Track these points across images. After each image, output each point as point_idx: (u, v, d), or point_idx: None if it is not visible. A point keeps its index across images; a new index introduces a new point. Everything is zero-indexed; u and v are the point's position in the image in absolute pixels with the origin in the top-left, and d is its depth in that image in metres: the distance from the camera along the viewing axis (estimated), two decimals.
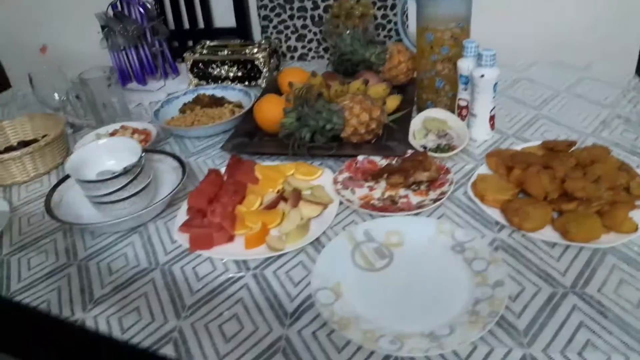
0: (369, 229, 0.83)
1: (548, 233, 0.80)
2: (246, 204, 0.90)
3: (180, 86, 1.47)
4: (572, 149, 0.95)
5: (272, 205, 0.89)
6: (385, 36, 1.54)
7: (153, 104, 1.38)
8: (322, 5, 1.49)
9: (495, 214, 0.84)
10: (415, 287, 0.73)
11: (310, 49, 1.56)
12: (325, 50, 1.55)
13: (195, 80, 1.43)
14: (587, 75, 1.30)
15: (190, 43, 1.65)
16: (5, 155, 1.04)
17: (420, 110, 1.16)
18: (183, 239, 0.85)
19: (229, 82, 1.40)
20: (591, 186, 0.81)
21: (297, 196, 0.88)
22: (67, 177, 0.99)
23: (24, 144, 1.16)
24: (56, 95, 1.25)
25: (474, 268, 0.74)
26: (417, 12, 1.10)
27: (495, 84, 1.01)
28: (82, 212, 0.93)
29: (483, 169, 0.96)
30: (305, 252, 0.82)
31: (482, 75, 1.00)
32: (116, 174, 0.84)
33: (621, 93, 1.20)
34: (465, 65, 1.04)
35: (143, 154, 0.87)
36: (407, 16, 1.48)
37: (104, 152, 0.93)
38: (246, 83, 1.39)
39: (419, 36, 1.10)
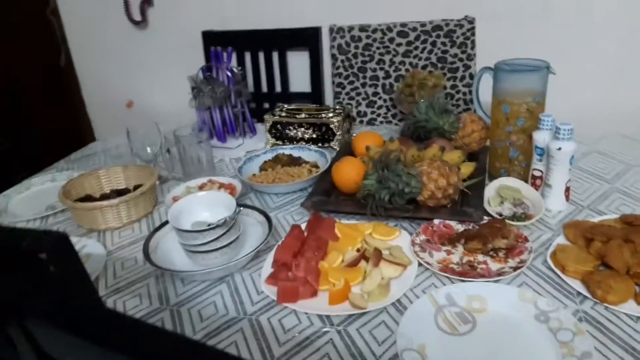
0: (450, 292, 0.85)
1: (631, 307, 0.80)
2: (328, 260, 0.95)
3: (257, 145, 1.56)
4: None
5: (354, 263, 0.93)
6: (453, 105, 1.60)
7: (234, 160, 1.47)
8: (393, 75, 1.58)
9: (576, 285, 0.85)
10: (501, 354, 0.74)
11: (379, 114, 1.63)
12: (394, 116, 1.62)
13: (273, 140, 1.52)
14: None
15: (267, 105, 1.76)
16: (104, 203, 1.13)
17: (492, 178, 1.20)
18: (269, 291, 0.89)
19: (304, 143, 1.48)
20: None
21: (378, 256, 0.92)
22: (162, 225, 1.06)
23: (117, 192, 1.26)
24: (149, 149, 1.35)
25: (559, 338, 0.75)
26: (493, 85, 1.15)
27: (572, 157, 1.04)
28: (174, 259, 1.00)
29: (561, 240, 0.97)
30: (387, 311, 0.85)
31: (559, 148, 1.03)
32: (213, 225, 0.91)
33: None
34: (541, 137, 1.08)
35: (240, 209, 0.94)
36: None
37: (200, 204, 1.00)
38: (319, 144, 1.47)
39: (494, 108, 1.16)
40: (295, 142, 1.50)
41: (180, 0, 1.87)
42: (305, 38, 1.64)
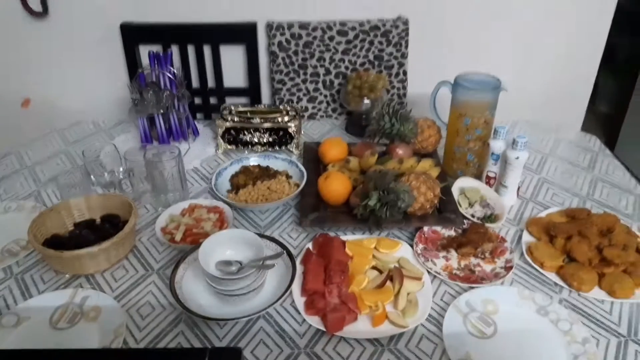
0: (468, 300, 1.01)
1: (597, 292, 1.04)
2: (356, 283, 1.04)
3: (206, 149, 1.53)
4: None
5: (382, 284, 1.04)
6: None
7: (191, 171, 1.43)
8: (333, 71, 1.63)
9: (553, 277, 1.07)
10: (526, 349, 0.93)
11: (319, 109, 1.69)
12: (334, 110, 1.70)
13: (225, 146, 1.50)
14: (562, 137, 1.61)
15: (199, 101, 1.69)
16: (94, 249, 1.04)
17: (447, 176, 1.37)
18: (312, 321, 0.96)
19: (259, 148, 1.49)
20: (623, 253, 1.07)
21: (401, 274, 1.04)
22: (177, 266, 1.03)
23: (84, 225, 1.17)
24: (107, 175, 1.26)
25: (560, 328, 0.96)
26: (453, 98, 1.30)
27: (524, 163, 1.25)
28: (200, 300, 0.99)
29: (526, 236, 1.18)
30: (422, 325, 0.98)
31: (517, 157, 1.23)
32: (249, 267, 0.94)
33: (591, 157, 1.51)
34: (497, 145, 1.27)
35: (283, 253, 0.97)
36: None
37: (223, 243, 1.01)
38: (276, 147, 1.50)
39: (455, 119, 1.31)
40: (250, 147, 1.50)
41: None
42: (241, 34, 1.59)
